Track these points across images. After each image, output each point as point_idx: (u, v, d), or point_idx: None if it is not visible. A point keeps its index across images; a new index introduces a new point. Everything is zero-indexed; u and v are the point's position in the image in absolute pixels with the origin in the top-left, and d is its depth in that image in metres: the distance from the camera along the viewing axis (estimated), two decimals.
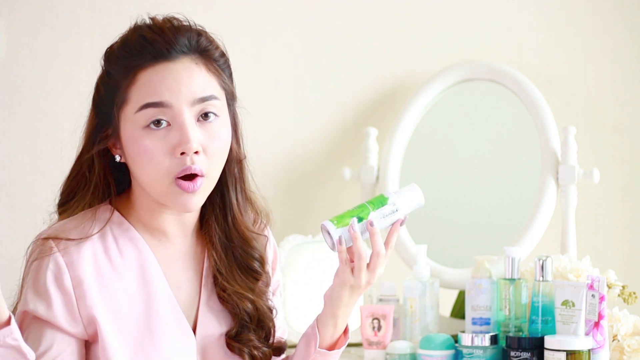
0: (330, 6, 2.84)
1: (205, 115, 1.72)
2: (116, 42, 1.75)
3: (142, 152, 1.70)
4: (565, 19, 2.83)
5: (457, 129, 2.76)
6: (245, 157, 1.84)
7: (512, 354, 2.27)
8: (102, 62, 1.76)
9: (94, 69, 1.82)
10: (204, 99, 1.72)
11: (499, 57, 2.80)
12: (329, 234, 1.77)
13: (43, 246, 1.72)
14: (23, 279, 1.75)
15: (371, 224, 1.77)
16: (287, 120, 2.84)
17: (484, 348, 2.32)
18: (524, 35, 2.84)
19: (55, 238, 1.72)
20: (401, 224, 1.79)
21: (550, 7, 2.84)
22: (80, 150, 1.79)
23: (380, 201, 1.80)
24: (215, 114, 1.73)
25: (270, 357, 1.84)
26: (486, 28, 2.85)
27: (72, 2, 2.69)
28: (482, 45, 2.84)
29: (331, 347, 1.82)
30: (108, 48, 1.76)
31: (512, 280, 2.35)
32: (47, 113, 2.67)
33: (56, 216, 1.81)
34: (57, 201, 1.81)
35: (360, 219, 1.78)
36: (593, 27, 2.82)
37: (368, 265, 1.77)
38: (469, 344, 2.33)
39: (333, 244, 1.77)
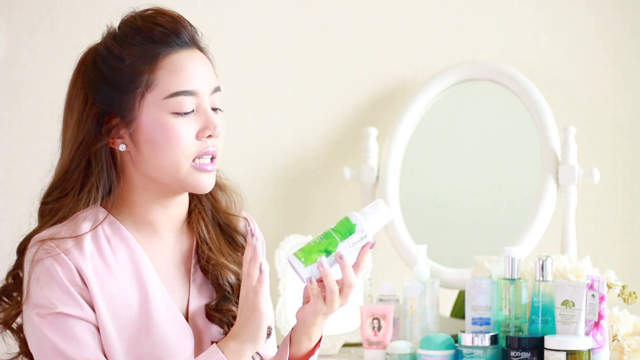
0: (330, 6, 2.84)
1: (214, 104, 1.78)
2: (120, 28, 1.78)
3: (170, 135, 1.73)
4: (565, 18, 2.83)
5: (457, 129, 2.75)
6: None
7: (512, 354, 2.27)
8: (112, 47, 1.77)
9: None
10: (216, 89, 1.78)
11: (500, 57, 2.80)
12: (297, 271, 1.71)
13: (46, 246, 1.73)
14: (28, 279, 1.74)
15: (341, 257, 1.70)
16: (287, 120, 2.84)
17: (484, 348, 2.32)
18: (525, 36, 2.83)
19: (54, 239, 1.74)
20: (371, 247, 1.73)
21: (551, 7, 2.83)
22: (77, 142, 1.78)
23: (347, 229, 1.71)
24: (220, 104, 1.80)
25: None
26: (486, 28, 2.85)
27: (72, 2, 2.69)
28: (483, 45, 2.84)
29: (309, 354, 1.80)
30: (114, 33, 1.78)
31: (512, 280, 2.35)
32: (47, 113, 2.66)
33: (43, 211, 1.81)
34: (45, 197, 1.81)
35: (328, 253, 1.70)
36: (594, 27, 2.82)
37: (340, 291, 1.72)
38: (469, 344, 2.33)
39: (302, 280, 1.72)
